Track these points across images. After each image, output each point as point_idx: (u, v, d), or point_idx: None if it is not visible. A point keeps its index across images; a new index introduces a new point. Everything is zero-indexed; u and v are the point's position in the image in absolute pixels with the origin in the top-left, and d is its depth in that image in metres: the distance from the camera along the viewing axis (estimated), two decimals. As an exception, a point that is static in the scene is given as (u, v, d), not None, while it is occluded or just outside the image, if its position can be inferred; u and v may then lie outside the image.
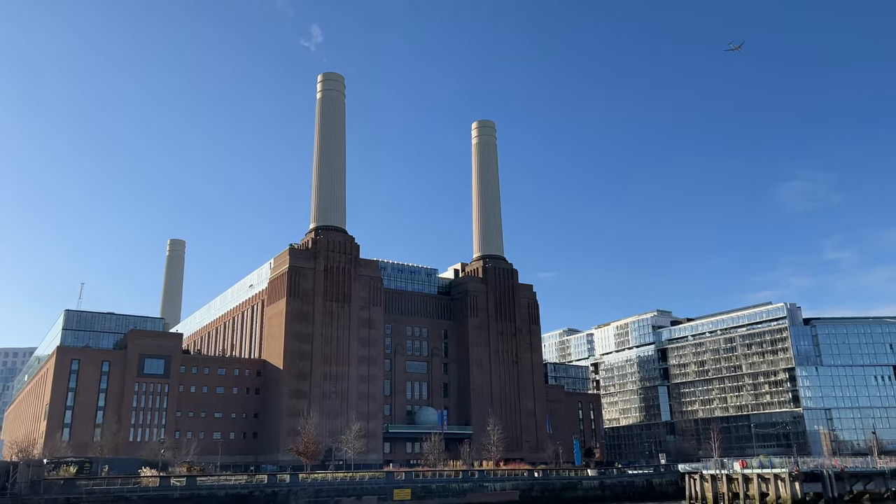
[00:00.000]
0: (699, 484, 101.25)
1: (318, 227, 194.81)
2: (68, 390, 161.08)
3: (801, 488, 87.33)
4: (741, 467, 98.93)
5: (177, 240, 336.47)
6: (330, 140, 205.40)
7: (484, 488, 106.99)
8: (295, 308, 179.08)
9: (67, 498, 79.56)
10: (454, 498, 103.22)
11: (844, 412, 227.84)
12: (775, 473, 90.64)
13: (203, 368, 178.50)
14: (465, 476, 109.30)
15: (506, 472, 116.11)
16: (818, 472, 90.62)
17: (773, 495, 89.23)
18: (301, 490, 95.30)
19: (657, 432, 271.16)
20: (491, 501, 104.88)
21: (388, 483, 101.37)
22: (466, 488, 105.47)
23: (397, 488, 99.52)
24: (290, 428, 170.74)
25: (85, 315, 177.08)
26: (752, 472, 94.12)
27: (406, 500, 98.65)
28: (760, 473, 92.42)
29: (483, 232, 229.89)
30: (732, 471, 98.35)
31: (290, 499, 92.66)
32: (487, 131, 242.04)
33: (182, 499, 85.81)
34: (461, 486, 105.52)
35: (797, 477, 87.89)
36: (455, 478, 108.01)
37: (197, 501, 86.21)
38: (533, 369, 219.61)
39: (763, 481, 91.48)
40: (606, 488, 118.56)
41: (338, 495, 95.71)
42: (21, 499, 76.80)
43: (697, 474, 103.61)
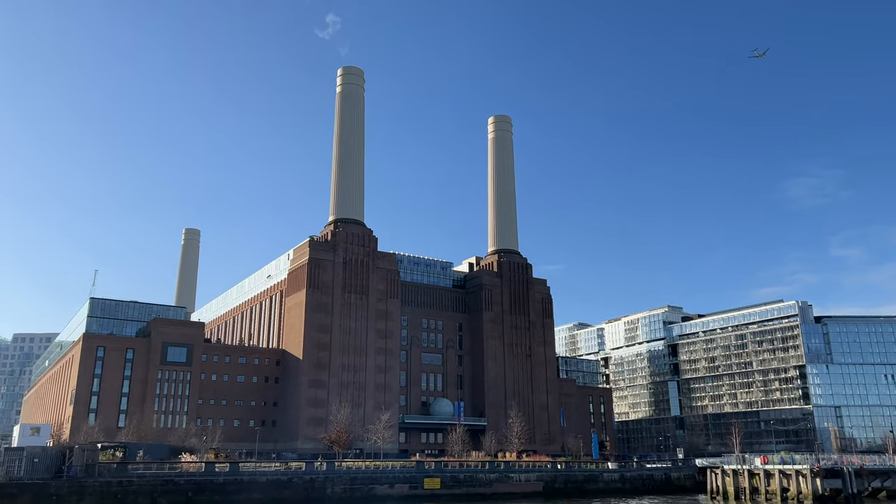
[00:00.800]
0: (720, 478, 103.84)
1: (337, 219, 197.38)
2: (94, 376, 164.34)
3: (821, 484, 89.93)
4: (762, 463, 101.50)
5: (192, 229, 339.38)
6: (349, 134, 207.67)
7: (510, 479, 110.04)
8: (314, 299, 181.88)
9: (120, 481, 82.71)
10: (481, 488, 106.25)
11: (854, 410, 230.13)
12: (797, 469, 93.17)
13: (224, 357, 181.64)
14: (492, 467, 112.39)
15: (530, 463, 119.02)
16: (838, 468, 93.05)
17: (794, 490, 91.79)
18: (337, 477, 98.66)
19: (666, 427, 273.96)
20: (516, 492, 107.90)
21: (419, 472, 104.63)
22: (493, 479, 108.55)
23: (427, 477, 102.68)
24: (309, 417, 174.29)
25: (109, 303, 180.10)
26: (774, 467, 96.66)
27: (436, 489, 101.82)
28: (782, 469, 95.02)
29: (498, 226, 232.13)
30: (754, 466, 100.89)
31: (326, 486, 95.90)
32: (503, 126, 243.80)
33: (226, 483, 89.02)
34: (488, 476, 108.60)
35: (818, 473, 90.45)
36: (482, 468, 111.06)
37: (239, 487, 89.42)
38: (546, 363, 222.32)
39: (784, 477, 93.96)
40: (626, 481, 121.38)
41: (371, 483, 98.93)
42: (77, 481, 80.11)
43: (719, 469, 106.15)
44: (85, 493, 79.44)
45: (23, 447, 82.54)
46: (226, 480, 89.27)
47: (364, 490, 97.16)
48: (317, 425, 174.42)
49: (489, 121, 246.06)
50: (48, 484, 78.86)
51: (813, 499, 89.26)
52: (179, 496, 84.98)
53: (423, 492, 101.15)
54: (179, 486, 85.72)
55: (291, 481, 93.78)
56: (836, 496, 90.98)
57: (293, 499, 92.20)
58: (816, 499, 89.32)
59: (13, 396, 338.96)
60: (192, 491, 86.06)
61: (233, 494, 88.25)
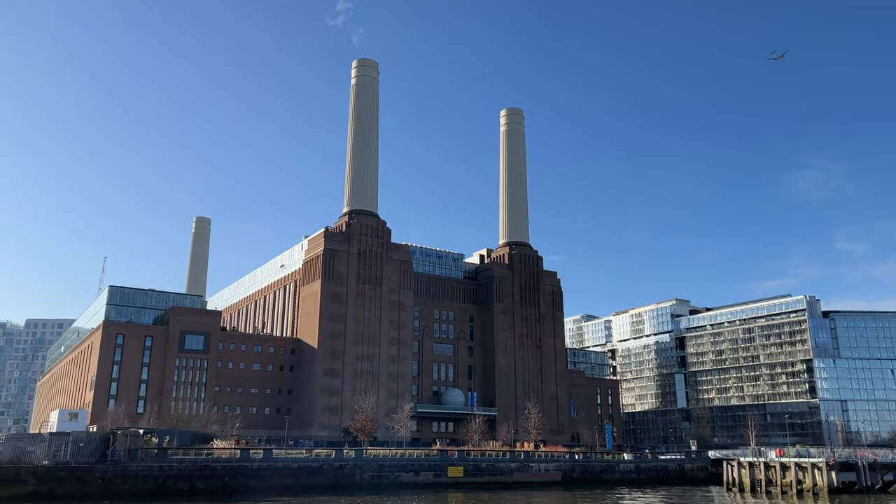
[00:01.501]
0: (736, 470, 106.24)
1: (352, 210, 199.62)
2: (114, 363, 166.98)
3: (836, 477, 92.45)
4: (778, 456, 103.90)
5: (202, 217, 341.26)
6: (363, 126, 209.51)
7: (529, 468, 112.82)
8: (329, 289, 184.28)
9: (161, 466, 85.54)
10: (502, 476, 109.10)
11: (860, 404, 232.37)
12: (812, 462, 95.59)
13: (240, 345, 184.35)
14: (512, 456, 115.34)
15: (548, 453, 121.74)
16: (853, 461, 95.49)
17: (810, 483, 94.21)
18: (365, 465, 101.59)
19: (673, 418, 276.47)
20: (535, 481, 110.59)
21: (443, 461, 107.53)
22: (513, 468, 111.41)
23: (451, 466, 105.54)
24: (323, 405, 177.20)
25: (127, 291, 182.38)
26: (790, 460, 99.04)
27: (459, 477, 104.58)
28: (798, 462, 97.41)
29: (509, 219, 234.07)
30: (769, 459, 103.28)
31: (355, 472, 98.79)
32: (515, 119, 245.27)
33: (260, 469, 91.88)
34: (508, 465, 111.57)
35: (834, 466, 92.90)
36: (503, 458, 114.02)
37: (273, 472, 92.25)
38: (555, 354, 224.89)
39: (800, 469, 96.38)
40: (642, 472, 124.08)
41: (398, 470, 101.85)
42: (122, 466, 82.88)
43: (735, 461, 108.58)
44: (129, 477, 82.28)
45: (68, 432, 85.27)
46: (260, 466, 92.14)
47: (391, 477, 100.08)
48: (331, 413, 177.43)
49: (501, 113, 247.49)
50: (94, 468, 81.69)
51: (828, 491, 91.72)
52: (216, 481, 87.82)
53: (447, 479, 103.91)
54: (216, 471, 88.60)
55: (322, 468, 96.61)
56: (850, 488, 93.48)
57: (324, 484, 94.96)
58: (831, 491, 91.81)
59: (25, 381, 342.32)
60: (229, 476, 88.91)
61: (266, 480, 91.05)
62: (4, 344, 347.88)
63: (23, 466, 76.25)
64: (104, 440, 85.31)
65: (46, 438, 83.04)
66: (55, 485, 77.35)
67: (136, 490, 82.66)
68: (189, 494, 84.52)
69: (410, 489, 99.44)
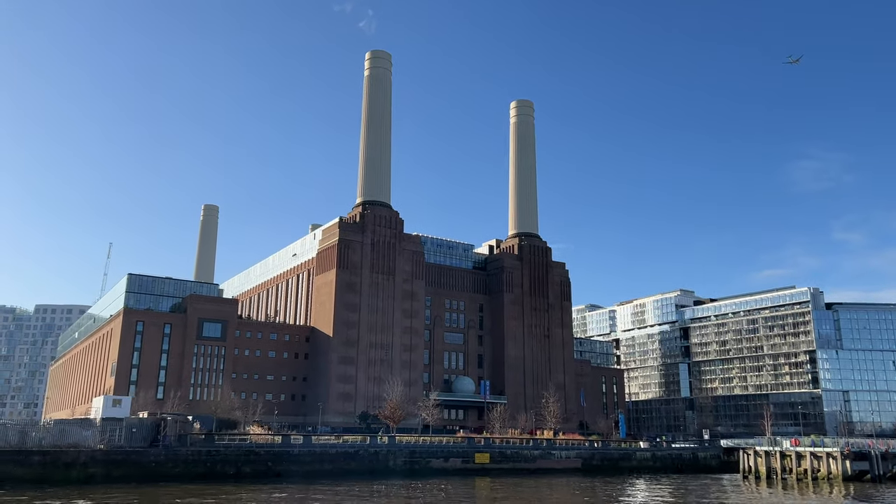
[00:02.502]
0: (752, 459, 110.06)
1: (365, 201, 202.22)
2: (133, 350, 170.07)
3: (850, 466, 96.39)
4: (794, 445, 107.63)
5: (210, 205, 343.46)
6: (376, 117, 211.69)
7: (551, 456, 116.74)
8: (344, 279, 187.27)
9: (209, 451, 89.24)
10: (526, 463, 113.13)
11: (861, 394, 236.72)
12: (827, 452, 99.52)
13: (256, 333, 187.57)
14: (535, 444, 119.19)
15: (568, 441, 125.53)
16: (866, 451, 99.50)
17: (825, 471, 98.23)
18: (398, 451, 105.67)
19: (676, 407, 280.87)
20: (557, 468, 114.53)
21: (470, 448, 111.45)
22: (536, 455, 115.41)
23: (478, 452, 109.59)
24: (338, 392, 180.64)
25: (146, 279, 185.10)
26: (805, 449, 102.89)
27: (485, 463, 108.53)
28: (813, 451, 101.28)
29: (519, 210, 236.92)
30: (785, 448, 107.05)
31: (389, 458, 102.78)
32: (525, 111, 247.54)
33: (301, 455, 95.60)
34: (532, 453, 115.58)
35: (848, 456, 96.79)
36: (526, 445, 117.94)
37: (313, 458, 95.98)
38: (563, 344, 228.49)
39: (815, 459, 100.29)
40: (658, 460, 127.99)
41: (428, 456, 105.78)
42: (172, 450, 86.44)
43: (751, 450, 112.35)
44: (179, 461, 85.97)
45: (121, 418, 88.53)
46: (300, 452, 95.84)
47: (422, 463, 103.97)
48: (346, 400, 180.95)
49: (511, 105, 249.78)
50: (147, 452, 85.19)
51: (842, 479, 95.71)
52: (260, 465, 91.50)
53: (475, 466, 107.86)
54: (260, 456, 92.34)
55: (358, 453, 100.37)
56: (862, 476, 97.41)
57: (360, 469, 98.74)
58: (845, 479, 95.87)
59: (35, 366, 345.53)
60: (272, 461, 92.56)
61: (307, 464, 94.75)
62: (14, 329, 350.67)
63: (82, 450, 79.64)
64: (155, 426, 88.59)
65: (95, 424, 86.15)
66: (112, 468, 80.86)
67: (187, 473, 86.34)
68: (235, 478, 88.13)
69: (440, 474, 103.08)
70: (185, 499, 69.15)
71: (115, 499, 68.27)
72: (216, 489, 76.69)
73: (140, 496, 70.41)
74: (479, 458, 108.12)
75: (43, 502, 63.96)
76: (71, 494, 69.25)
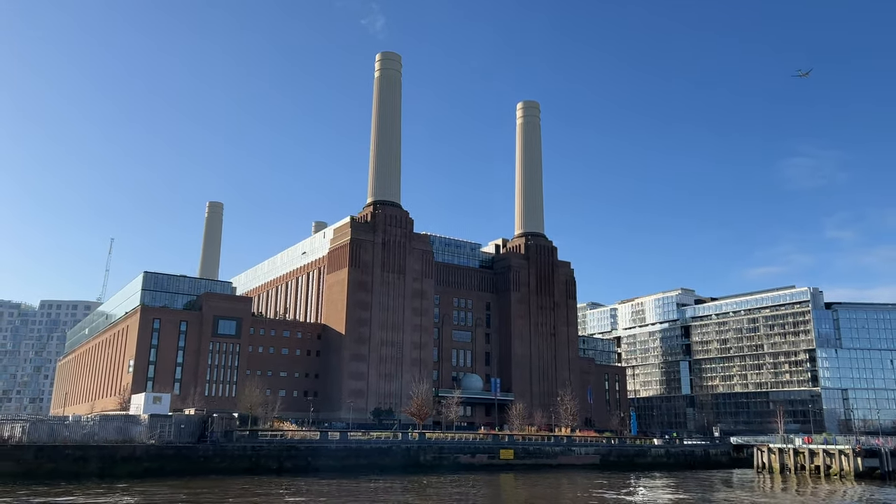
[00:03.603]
0: (766, 455, 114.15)
1: (376, 201, 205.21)
2: (150, 347, 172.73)
3: (861, 462, 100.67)
4: (806, 443, 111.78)
5: (215, 202, 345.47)
6: (387, 118, 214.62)
7: (572, 452, 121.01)
8: (356, 277, 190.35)
9: (253, 446, 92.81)
10: (548, 459, 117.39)
11: (860, 392, 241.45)
12: (840, 449, 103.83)
13: (270, 331, 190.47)
14: (556, 441, 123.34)
15: (586, 438, 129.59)
16: (876, 448, 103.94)
17: (837, 468, 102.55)
18: (428, 447, 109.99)
19: (677, 405, 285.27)
20: (577, 463, 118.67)
21: (496, 444, 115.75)
22: (558, 451, 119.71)
23: (503, 448, 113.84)
24: (351, 388, 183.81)
25: (161, 276, 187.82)
26: (818, 447, 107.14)
27: (510, 459, 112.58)
28: (826, 449, 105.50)
29: (525, 210, 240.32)
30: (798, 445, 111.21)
31: (419, 454, 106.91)
32: (531, 112, 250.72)
33: (338, 450, 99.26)
34: (553, 449, 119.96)
35: (859, 453, 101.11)
36: (548, 442, 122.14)
37: (349, 453, 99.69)
38: (569, 342, 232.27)
39: (828, 456, 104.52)
40: (671, 456, 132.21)
41: (456, 452, 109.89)
42: (219, 445, 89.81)
43: (765, 447, 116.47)
44: (226, 456, 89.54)
45: (170, 415, 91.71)
46: (337, 448, 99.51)
47: (450, 458, 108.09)
48: (358, 396, 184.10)
49: (518, 106, 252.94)
50: (196, 447, 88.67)
51: (854, 475, 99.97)
52: (300, 460, 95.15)
53: (500, 461, 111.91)
54: (300, 451, 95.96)
55: (391, 449, 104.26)
56: (873, 473, 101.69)
57: (392, 465, 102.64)
58: (857, 475, 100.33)
59: (40, 362, 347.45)
60: (311, 456, 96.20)
61: (343, 460, 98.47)
62: (20, 325, 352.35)
63: (137, 445, 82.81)
64: (202, 422, 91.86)
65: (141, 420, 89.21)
66: (165, 462, 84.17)
67: (233, 467, 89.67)
68: (278, 472, 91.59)
69: (467, 469, 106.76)
70: (253, 489, 72.66)
71: (184, 490, 71.72)
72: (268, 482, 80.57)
73: (206, 487, 73.90)
74: (504, 454, 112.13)
75: (121, 494, 67.15)
76: (136, 486, 72.67)
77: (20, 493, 67.70)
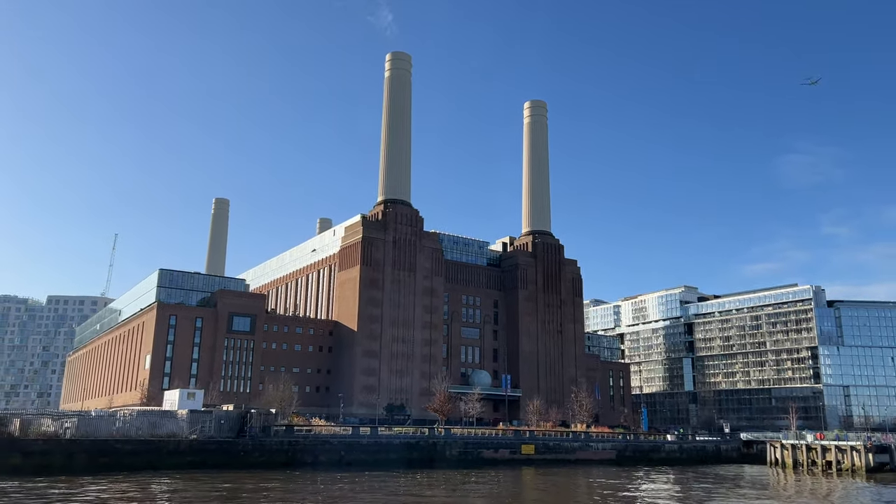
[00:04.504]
0: (779, 451, 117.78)
1: (387, 199, 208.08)
2: (167, 343, 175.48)
3: (872, 458, 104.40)
4: (819, 439, 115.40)
5: (221, 199, 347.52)
6: (397, 118, 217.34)
7: (590, 447, 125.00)
8: (367, 275, 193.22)
9: (290, 441, 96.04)
10: (566, 454, 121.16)
11: (861, 389, 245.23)
12: (851, 445, 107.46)
13: (283, 327, 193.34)
14: (575, 436, 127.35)
15: (602, 434, 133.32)
16: (886, 444, 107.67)
17: (848, 463, 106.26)
18: (453, 442, 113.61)
19: (680, 401, 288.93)
20: (594, 458, 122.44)
21: (517, 440, 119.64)
22: (576, 447, 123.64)
23: (524, 444, 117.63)
24: (362, 384, 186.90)
25: (176, 274, 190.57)
26: (830, 443, 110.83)
27: (531, 454, 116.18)
28: (838, 445, 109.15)
29: (533, 209, 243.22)
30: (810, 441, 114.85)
31: (445, 448, 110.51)
32: (539, 111, 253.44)
33: (369, 445, 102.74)
34: (572, 444, 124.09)
35: (870, 449, 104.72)
36: (567, 438, 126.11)
37: (379, 447, 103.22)
38: (575, 339, 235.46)
39: (840, 452, 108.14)
40: (684, 451, 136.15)
41: (480, 447, 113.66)
42: (258, 440, 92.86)
43: (778, 443, 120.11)
44: (265, 450, 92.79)
45: (210, 410, 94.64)
46: (369, 442, 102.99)
47: (474, 453, 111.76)
48: (370, 392, 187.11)
49: (525, 106, 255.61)
50: (236, 442, 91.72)
51: (865, 470, 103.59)
52: (334, 455, 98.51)
53: (521, 456, 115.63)
54: (334, 445, 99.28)
55: (419, 444, 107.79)
56: (883, 468, 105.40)
57: (421, 459, 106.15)
58: (868, 470, 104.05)
59: (48, 356, 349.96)
60: (344, 450, 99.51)
61: (374, 454, 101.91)
62: (27, 320, 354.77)
63: (181, 440, 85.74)
64: (241, 418, 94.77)
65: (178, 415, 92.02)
66: (207, 456, 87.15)
67: (271, 461, 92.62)
68: (313, 466, 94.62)
69: (490, 464, 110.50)
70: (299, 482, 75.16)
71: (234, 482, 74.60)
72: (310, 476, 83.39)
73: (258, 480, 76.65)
74: (525, 449, 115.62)
75: (182, 485, 69.94)
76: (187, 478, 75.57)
77: (102, 482, 70.90)
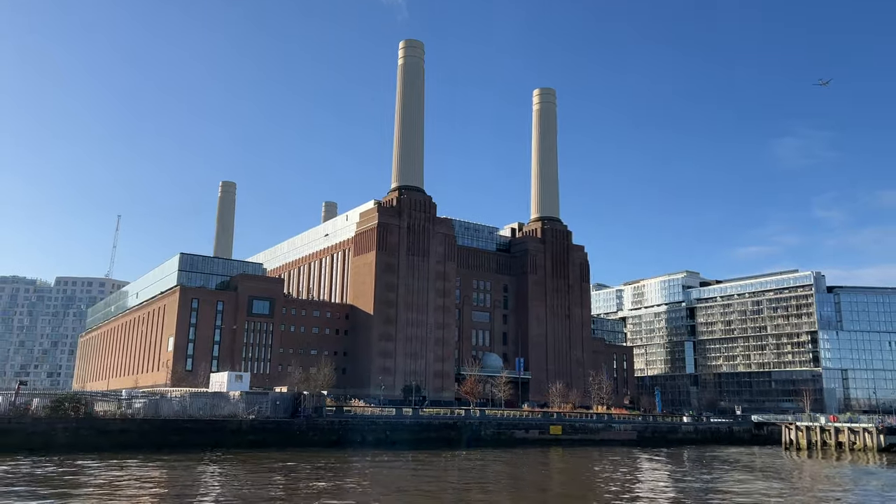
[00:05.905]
0: (794, 432, 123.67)
1: (401, 186, 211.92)
2: (189, 326, 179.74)
3: (884, 439, 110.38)
4: (832, 421, 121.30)
5: (228, 182, 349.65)
6: (410, 105, 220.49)
7: (612, 428, 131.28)
8: (382, 260, 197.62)
9: (340, 421, 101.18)
10: (591, 434, 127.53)
11: (859, 373, 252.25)
12: (864, 427, 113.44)
13: (301, 311, 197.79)
14: (598, 418, 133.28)
15: (624, 416, 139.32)
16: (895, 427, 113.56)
17: (861, 444, 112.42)
18: (488, 423, 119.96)
19: (681, 383, 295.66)
20: (616, 439, 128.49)
21: (546, 421, 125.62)
22: (600, 427, 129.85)
23: (552, 425, 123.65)
24: (379, 366, 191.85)
25: (196, 258, 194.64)
26: (843, 425, 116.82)
27: (558, 434, 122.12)
28: (850, 426, 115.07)
29: (541, 195, 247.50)
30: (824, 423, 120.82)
31: (480, 428, 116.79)
32: (548, 98, 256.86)
33: (411, 424, 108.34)
34: (596, 426, 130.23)
35: (882, 430, 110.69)
36: (591, 419, 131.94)
37: (421, 427, 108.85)
38: (582, 323, 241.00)
39: (852, 433, 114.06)
40: (699, 433, 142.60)
41: (512, 428, 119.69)
42: (311, 420, 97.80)
43: (793, 425, 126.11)
44: (317, 430, 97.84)
45: (266, 392, 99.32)
46: (411, 423, 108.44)
47: (507, 433, 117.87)
48: (386, 374, 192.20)
49: (534, 93, 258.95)
50: (292, 422, 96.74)
51: (877, 450, 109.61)
52: (380, 434, 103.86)
53: (549, 436, 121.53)
54: (379, 425, 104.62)
55: (456, 424, 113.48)
56: (892, 448, 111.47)
57: (458, 438, 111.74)
58: (879, 450, 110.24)
59: (57, 337, 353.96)
60: (389, 430, 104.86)
61: (417, 433, 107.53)
62: (36, 301, 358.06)
63: (242, 420, 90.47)
64: (294, 399, 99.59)
65: (230, 397, 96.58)
66: (266, 435, 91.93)
67: (323, 440, 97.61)
68: (361, 445, 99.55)
69: (521, 444, 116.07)
70: (356, 461, 79.43)
71: (294, 460, 78.84)
72: (362, 453, 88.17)
73: (319, 458, 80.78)
74: (554, 429, 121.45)
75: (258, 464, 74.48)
76: (250, 456, 79.84)
77: (193, 459, 74.88)
